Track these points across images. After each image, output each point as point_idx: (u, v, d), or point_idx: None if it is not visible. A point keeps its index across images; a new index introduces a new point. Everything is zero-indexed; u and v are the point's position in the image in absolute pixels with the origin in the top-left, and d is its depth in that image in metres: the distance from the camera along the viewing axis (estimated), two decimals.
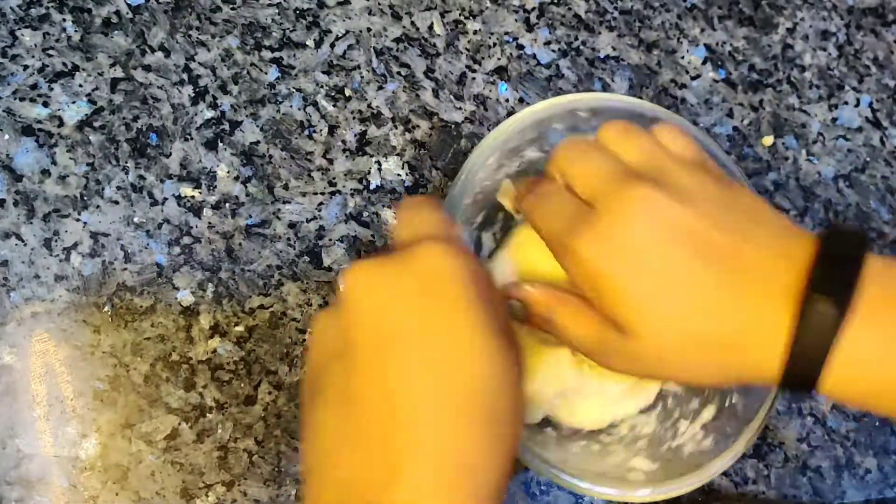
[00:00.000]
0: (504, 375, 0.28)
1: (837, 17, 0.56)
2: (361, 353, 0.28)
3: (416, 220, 0.32)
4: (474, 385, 0.28)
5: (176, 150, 0.43)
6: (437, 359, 0.28)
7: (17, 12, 0.43)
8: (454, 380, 0.27)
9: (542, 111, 0.41)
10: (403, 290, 0.29)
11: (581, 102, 0.41)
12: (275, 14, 0.46)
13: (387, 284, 0.29)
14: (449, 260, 0.29)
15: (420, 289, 0.28)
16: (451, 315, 0.28)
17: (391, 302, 0.28)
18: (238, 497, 0.40)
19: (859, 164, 0.54)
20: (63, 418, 0.39)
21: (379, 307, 0.29)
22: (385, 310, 0.28)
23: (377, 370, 0.28)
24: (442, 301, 0.28)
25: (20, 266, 0.40)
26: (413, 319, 0.28)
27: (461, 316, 0.28)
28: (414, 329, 0.28)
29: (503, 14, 0.50)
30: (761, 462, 0.48)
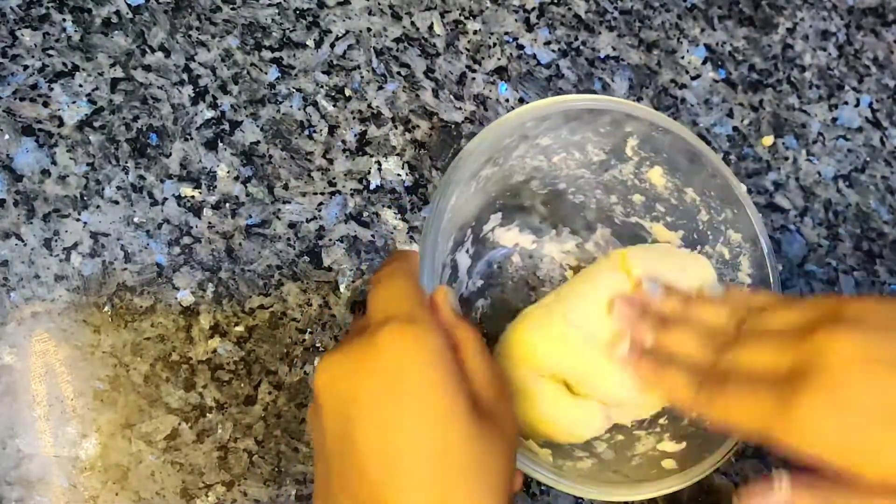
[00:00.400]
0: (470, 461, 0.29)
1: (837, 17, 0.56)
2: (332, 454, 0.30)
3: (382, 295, 0.32)
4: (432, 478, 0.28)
5: (176, 150, 0.43)
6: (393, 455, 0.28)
7: (17, 12, 0.43)
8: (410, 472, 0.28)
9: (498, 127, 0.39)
10: (366, 384, 0.29)
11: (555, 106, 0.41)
12: (275, 14, 0.46)
13: (350, 380, 0.30)
14: (408, 345, 0.29)
15: (382, 380, 0.29)
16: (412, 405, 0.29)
17: (354, 394, 0.29)
18: (238, 497, 0.40)
19: (859, 164, 0.54)
20: (63, 418, 0.39)
21: (342, 405, 0.30)
22: (347, 407, 0.29)
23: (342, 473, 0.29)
24: (403, 391, 0.29)
25: (20, 266, 0.40)
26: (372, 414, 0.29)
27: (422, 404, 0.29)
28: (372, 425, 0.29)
29: (503, 14, 0.50)
30: (761, 462, 0.48)
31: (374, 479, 0.28)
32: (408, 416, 0.28)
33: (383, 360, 0.29)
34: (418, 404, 0.29)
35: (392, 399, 0.29)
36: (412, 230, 0.45)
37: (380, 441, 0.28)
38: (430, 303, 0.33)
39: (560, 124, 0.40)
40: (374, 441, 0.28)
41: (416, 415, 0.28)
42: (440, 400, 0.29)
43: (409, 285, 0.32)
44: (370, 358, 0.29)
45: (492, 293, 0.45)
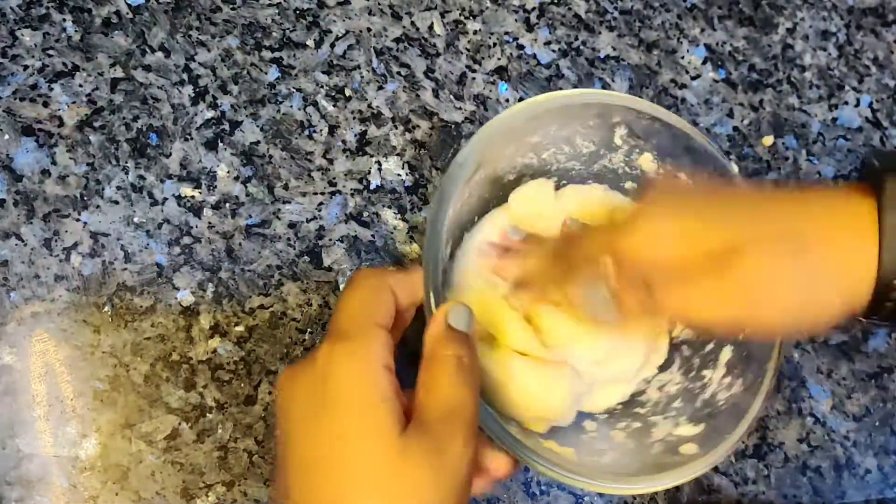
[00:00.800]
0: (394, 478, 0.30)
1: (837, 17, 0.56)
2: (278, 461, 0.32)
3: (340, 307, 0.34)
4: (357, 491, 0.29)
5: (176, 150, 0.43)
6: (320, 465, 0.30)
7: (17, 12, 0.43)
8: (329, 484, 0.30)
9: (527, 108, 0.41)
10: (304, 395, 0.31)
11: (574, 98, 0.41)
12: (275, 14, 0.46)
13: (290, 391, 0.32)
14: (340, 361, 0.31)
15: (316, 396, 0.31)
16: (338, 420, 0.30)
17: (293, 412, 0.32)
18: (238, 497, 0.40)
19: (859, 164, 0.54)
20: (63, 418, 0.39)
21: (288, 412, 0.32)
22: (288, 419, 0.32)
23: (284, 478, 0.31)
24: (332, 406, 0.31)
25: (20, 266, 0.40)
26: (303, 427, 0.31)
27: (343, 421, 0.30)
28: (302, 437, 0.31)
29: (503, 14, 0.50)
30: (761, 462, 0.48)
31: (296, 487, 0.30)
32: (329, 430, 0.30)
33: (315, 376, 0.31)
34: (341, 420, 0.30)
35: (318, 414, 0.31)
36: (412, 230, 0.45)
37: (303, 453, 0.31)
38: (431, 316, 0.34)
39: (549, 121, 0.41)
40: (299, 453, 0.31)
41: (339, 429, 0.30)
42: (362, 416, 0.30)
43: (363, 299, 0.34)
44: (307, 373, 0.32)
45: None
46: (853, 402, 0.50)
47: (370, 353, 0.32)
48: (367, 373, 0.31)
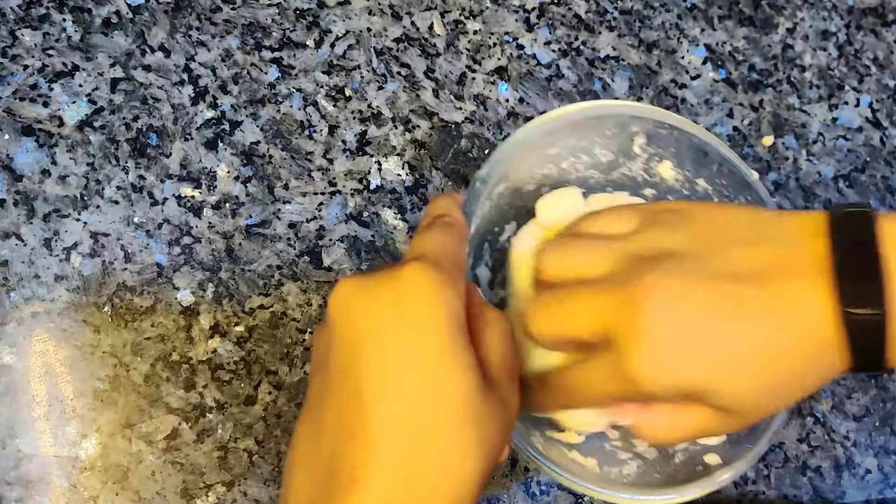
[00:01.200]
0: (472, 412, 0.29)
1: (837, 17, 0.56)
2: (333, 372, 0.30)
3: (431, 239, 0.32)
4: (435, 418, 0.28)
5: (176, 150, 0.43)
6: (396, 387, 0.28)
7: (17, 12, 0.43)
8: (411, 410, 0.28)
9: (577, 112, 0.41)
10: (378, 310, 0.29)
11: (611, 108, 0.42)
12: (275, 14, 0.46)
13: (364, 304, 0.30)
14: (428, 285, 0.29)
15: (395, 311, 0.29)
16: (419, 342, 0.29)
17: (365, 323, 0.29)
18: (238, 497, 0.40)
19: (859, 164, 0.54)
20: (63, 418, 0.39)
21: (352, 328, 0.30)
22: (357, 331, 0.29)
23: (341, 399, 0.29)
24: (413, 327, 0.29)
25: (20, 266, 0.40)
26: (381, 343, 0.29)
27: (430, 344, 0.29)
28: (378, 353, 0.29)
29: (503, 14, 0.50)
30: (761, 462, 0.48)
31: (367, 409, 0.28)
32: (412, 355, 0.28)
33: (402, 292, 0.29)
34: (425, 345, 0.29)
35: (401, 335, 0.29)
36: (412, 230, 0.45)
37: (380, 374, 0.28)
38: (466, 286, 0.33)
39: (567, 133, 0.41)
40: (375, 373, 0.28)
41: (421, 355, 0.28)
42: (450, 345, 0.29)
43: (456, 241, 0.33)
44: (388, 289, 0.29)
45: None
46: (853, 401, 0.50)
47: (457, 294, 0.30)
48: (455, 309, 0.30)
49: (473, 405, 0.29)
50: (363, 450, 0.28)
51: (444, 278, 0.30)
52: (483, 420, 0.29)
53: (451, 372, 0.29)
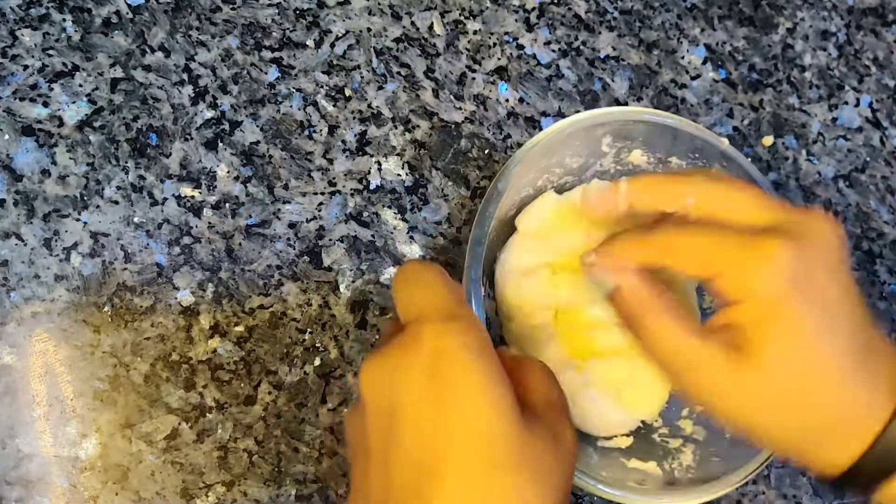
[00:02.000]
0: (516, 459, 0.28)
1: (837, 17, 0.56)
2: (373, 451, 0.29)
3: (413, 294, 0.32)
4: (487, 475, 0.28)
5: (176, 150, 0.43)
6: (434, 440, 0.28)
7: (17, 12, 0.43)
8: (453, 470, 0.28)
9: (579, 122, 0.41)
10: (408, 377, 0.29)
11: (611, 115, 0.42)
12: (275, 14, 0.46)
13: (394, 375, 0.29)
14: (453, 345, 0.29)
15: (425, 372, 0.29)
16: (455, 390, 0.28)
17: (397, 392, 0.29)
18: (238, 497, 0.40)
19: (859, 164, 0.54)
20: (63, 418, 0.39)
21: (386, 400, 0.29)
22: (391, 401, 0.29)
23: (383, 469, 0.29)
24: (446, 379, 0.28)
25: (20, 266, 0.40)
26: (416, 403, 0.28)
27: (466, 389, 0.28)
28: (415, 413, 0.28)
29: (503, 14, 0.50)
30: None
31: (415, 472, 0.28)
32: (451, 410, 0.28)
33: (424, 356, 0.29)
34: (462, 399, 0.28)
35: (435, 394, 0.28)
36: (412, 230, 0.45)
37: (422, 436, 0.28)
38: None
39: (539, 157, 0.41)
40: (417, 436, 0.28)
41: (460, 409, 0.28)
42: (484, 393, 0.28)
43: (442, 281, 0.32)
44: (412, 354, 0.29)
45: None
46: None
47: (479, 332, 0.30)
48: (483, 351, 0.29)
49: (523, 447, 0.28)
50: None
51: (463, 325, 0.29)
52: (533, 452, 0.29)
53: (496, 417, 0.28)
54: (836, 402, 0.32)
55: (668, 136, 0.42)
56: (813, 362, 0.32)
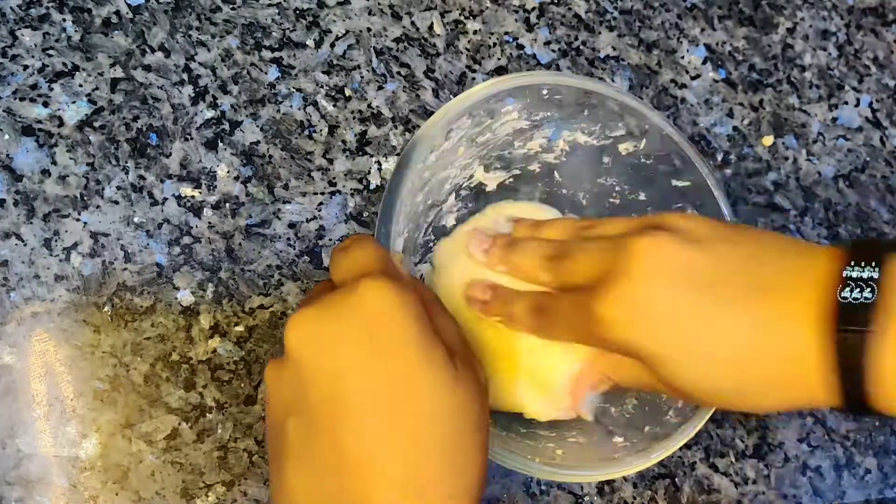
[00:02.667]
0: (458, 405, 0.29)
1: (837, 17, 0.56)
2: (316, 412, 0.29)
3: (349, 258, 0.32)
4: (429, 424, 0.29)
5: (176, 150, 0.43)
6: (388, 406, 0.28)
7: (17, 12, 0.43)
8: (407, 423, 0.28)
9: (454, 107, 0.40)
10: (348, 336, 0.29)
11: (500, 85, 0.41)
12: (275, 14, 0.46)
13: (331, 333, 0.29)
14: (389, 297, 0.29)
15: (364, 333, 0.29)
16: (397, 357, 0.29)
17: (338, 352, 0.29)
18: (238, 497, 0.40)
19: (859, 164, 0.54)
20: (63, 418, 0.39)
21: (326, 360, 0.29)
22: (332, 361, 0.29)
23: (333, 428, 0.28)
24: (387, 343, 0.29)
25: (20, 266, 0.40)
26: (360, 367, 0.29)
27: (407, 356, 0.29)
28: (362, 378, 0.29)
29: (503, 14, 0.50)
30: (761, 462, 0.48)
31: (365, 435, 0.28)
32: (395, 366, 0.28)
33: (366, 313, 0.29)
34: (405, 355, 0.29)
35: (378, 352, 0.29)
36: None
37: (369, 398, 0.28)
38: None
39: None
40: (365, 399, 0.28)
41: (404, 365, 0.29)
42: (424, 351, 0.29)
43: (378, 248, 0.33)
44: (352, 311, 0.29)
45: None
46: None
47: (413, 293, 0.30)
48: (419, 310, 0.30)
49: (457, 395, 0.29)
50: (374, 477, 0.28)
51: (398, 286, 0.30)
52: (470, 406, 0.30)
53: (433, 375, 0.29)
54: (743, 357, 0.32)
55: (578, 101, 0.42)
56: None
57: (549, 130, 0.43)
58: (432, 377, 0.29)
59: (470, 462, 0.29)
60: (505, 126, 0.42)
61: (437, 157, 0.41)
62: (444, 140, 0.40)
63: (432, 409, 0.29)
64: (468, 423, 0.29)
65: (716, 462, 0.47)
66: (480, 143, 0.43)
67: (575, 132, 0.44)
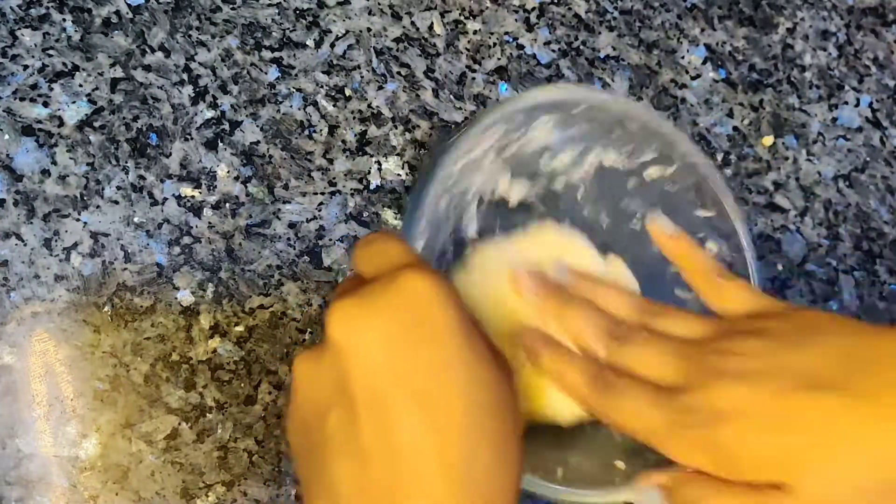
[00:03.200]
0: (503, 397, 0.29)
1: (837, 17, 0.56)
2: (361, 401, 0.28)
3: (381, 253, 0.31)
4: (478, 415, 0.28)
5: (176, 150, 0.43)
6: (436, 395, 0.28)
7: (17, 12, 0.43)
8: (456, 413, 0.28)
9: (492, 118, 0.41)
10: (392, 327, 0.28)
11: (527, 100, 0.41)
12: (275, 14, 0.46)
13: (375, 324, 0.28)
14: (431, 288, 0.29)
15: (408, 322, 0.28)
16: (442, 346, 0.28)
17: (382, 342, 0.28)
18: (238, 497, 0.40)
19: (859, 164, 0.54)
20: (63, 418, 0.39)
21: (370, 348, 0.28)
22: (376, 351, 0.28)
23: (381, 422, 0.28)
24: (431, 333, 0.28)
25: (20, 266, 0.40)
26: (405, 356, 0.28)
27: (453, 348, 0.28)
28: (407, 367, 0.28)
29: (503, 14, 0.50)
30: None
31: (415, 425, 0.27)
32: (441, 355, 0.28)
33: (408, 302, 0.28)
34: (450, 344, 0.28)
35: (423, 340, 0.28)
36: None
37: (418, 387, 0.28)
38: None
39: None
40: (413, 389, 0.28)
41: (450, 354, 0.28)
42: (469, 340, 0.29)
43: (405, 243, 0.32)
44: (394, 301, 0.28)
45: None
46: None
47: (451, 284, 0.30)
48: (458, 297, 0.29)
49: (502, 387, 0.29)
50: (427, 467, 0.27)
51: (440, 277, 0.29)
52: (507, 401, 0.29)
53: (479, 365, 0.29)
54: None
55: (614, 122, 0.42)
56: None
57: (578, 148, 0.43)
58: (479, 369, 0.28)
59: (513, 455, 0.29)
60: (535, 140, 0.42)
61: (464, 165, 0.41)
62: (473, 148, 0.40)
63: (480, 399, 0.28)
64: (510, 417, 0.29)
65: None
66: (509, 156, 0.43)
67: (604, 153, 0.43)
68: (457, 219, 0.43)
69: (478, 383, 0.28)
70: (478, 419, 0.28)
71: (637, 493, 0.37)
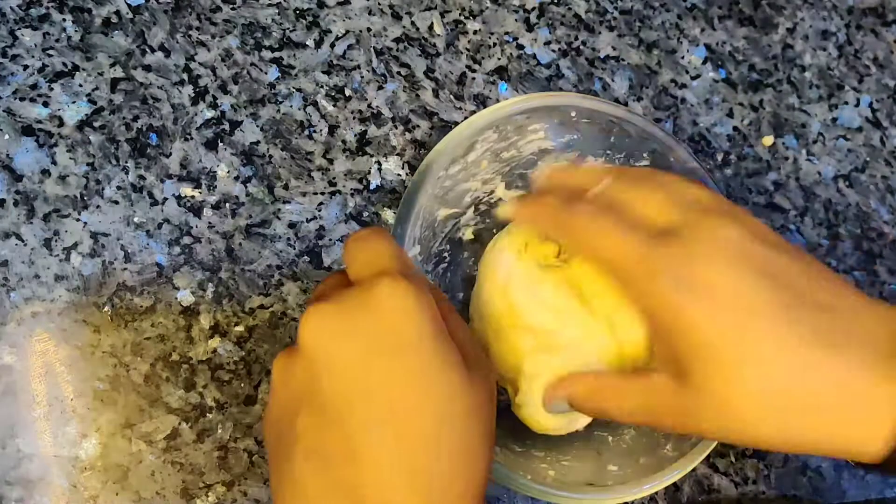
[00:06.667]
0: (470, 407, 0.30)
1: (837, 17, 0.56)
2: (329, 406, 0.29)
3: (368, 253, 0.32)
4: (441, 424, 0.29)
5: (176, 150, 0.43)
6: (401, 404, 0.29)
7: (17, 12, 0.43)
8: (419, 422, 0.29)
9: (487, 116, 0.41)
10: (364, 333, 0.29)
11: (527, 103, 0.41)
12: (275, 14, 0.46)
13: (346, 330, 0.29)
14: (405, 299, 0.29)
15: (380, 331, 0.29)
16: (412, 356, 0.29)
17: (353, 349, 0.29)
18: (238, 497, 0.40)
19: (859, 164, 0.54)
20: (63, 418, 0.39)
21: (341, 355, 0.29)
22: (347, 357, 0.29)
23: (347, 428, 0.28)
24: (402, 342, 0.29)
25: (20, 266, 0.40)
26: (374, 365, 0.29)
27: (423, 358, 0.29)
28: (375, 375, 0.29)
29: (503, 14, 0.50)
30: (761, 462, 0.48)
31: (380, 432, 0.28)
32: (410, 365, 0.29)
33: (382, 311, 0.29)
34: (419, 355, 0.29)
35: (393, 350, 0.29)
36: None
37: (383, 395, 0.28)
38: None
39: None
40: (378, 396, 0.28)
41: (419, 365, 0.29)
42: (439, 352, 0.29)
43: (393, 245, 0.32)
44: (368, 309, 0.29)
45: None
46: None
47: (428, 293, 0.30)
48: (433, 307, 0.30)
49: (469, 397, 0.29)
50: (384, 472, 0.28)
51: (416, 287, 0.30)
52: (478, 402, 0.30)
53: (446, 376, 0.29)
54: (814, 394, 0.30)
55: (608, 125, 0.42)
56: (754, 368, 0.30)
57: (573, 153, 0.43)
58: (446, 378, 0.29)
59: (478, 463, 0.30)
60: (530, 144, 0.43)
61: (460, 168, 0.41)
62: (468, 151, 0.41)
63: (444, 409, 0.29)
64: (478, 424, 0.30)
65: (716, 462, 0.47)
66: (504, 160, 0.43)
67: (599, 158, 0.43)
68: (454, 222, 0.43)
69: (443, 394, 0.29)
70: (444, 428, 0.29)
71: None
